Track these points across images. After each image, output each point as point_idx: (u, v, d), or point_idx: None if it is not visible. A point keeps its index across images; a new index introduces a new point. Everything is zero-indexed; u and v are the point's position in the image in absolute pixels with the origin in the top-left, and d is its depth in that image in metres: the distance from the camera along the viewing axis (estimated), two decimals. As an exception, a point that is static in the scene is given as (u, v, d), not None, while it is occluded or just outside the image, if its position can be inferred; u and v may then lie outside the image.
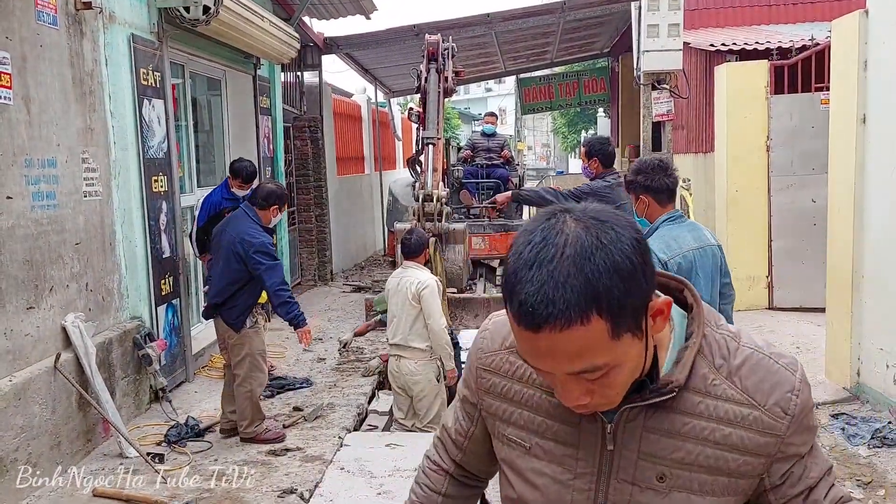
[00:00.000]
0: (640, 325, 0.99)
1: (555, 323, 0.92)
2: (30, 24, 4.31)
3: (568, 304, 0.92)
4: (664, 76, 8.19)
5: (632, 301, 0.95)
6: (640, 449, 1.12)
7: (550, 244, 0.96)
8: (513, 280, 0.97)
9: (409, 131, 19.97)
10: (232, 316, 4.74)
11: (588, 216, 0.99)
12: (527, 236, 0.99)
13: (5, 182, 4.03)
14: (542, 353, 0.97)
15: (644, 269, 0.97)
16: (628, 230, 0.98)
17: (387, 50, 11.79)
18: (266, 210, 4.78)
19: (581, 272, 0.93)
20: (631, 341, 0.98)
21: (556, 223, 0.98)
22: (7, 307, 4.03)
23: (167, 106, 5.87)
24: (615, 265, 0.94)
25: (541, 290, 0.93)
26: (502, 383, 1.24)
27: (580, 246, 0.95)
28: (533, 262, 0.95)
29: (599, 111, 22.94)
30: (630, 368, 1.02)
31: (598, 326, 0.94)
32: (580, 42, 15.13)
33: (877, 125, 4.90)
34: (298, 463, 4.58)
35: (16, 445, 3.97)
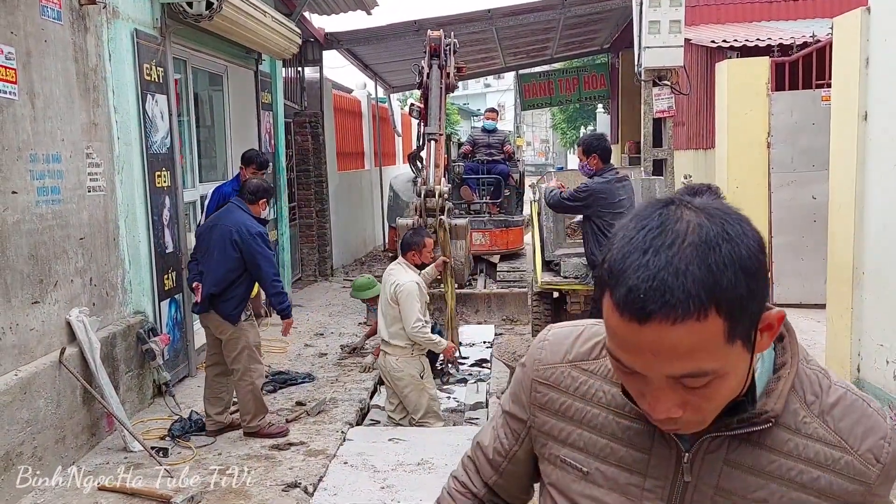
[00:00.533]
0: (751, 335, 0.90)
1: (669, 314, 0.83)
2: (34, 19, 4.32)
3: (688, 294, 0.82)
4: (665, 72, 8.19)
5: (752, 304, 0.87)
6: (719, 484, 1.01)
7: (670, 230, 0.87)
8: (621, 265, 0.87)
9: (409, 127, 19.97)
10: (228, 308, 4.76)
11: (711, 206, 0.91)
12: (639, 221, 0.90)
13: (10, 177, 4.05)
14: (644, 349, 0.87)
15: (764, 272, 0.89)
16: (752, 227, 0.90)
17: (387, 45, 11.79)
18: (255, 204, 4.92)
19: (704, 262, 0.84)
20: (741, 351, 0.88)
21: (675, 210, 0.89)
22: (12, 302, 4.05)
23: (170, 101, 5.88)
24: (742, 261, 0.85)
25: (657, 276, 0.84)
26: (561, 399, 1.13)
27: (705, 235, 0.86)
28: (648, 247, 0.86)
29: (599, 107, 22.95)
30: (734, 383, 0.92)
31: (714, 325, 0.84)
32: (580, 38, 15.13)
33: (878, 122, 4.91)
34: (302, 457, 4.61)
35: (21, 439, 3.99)
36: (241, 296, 4.80)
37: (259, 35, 7.09)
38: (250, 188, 4.94)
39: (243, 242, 4.71)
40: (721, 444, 1.00)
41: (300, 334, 7.74)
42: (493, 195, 9.65)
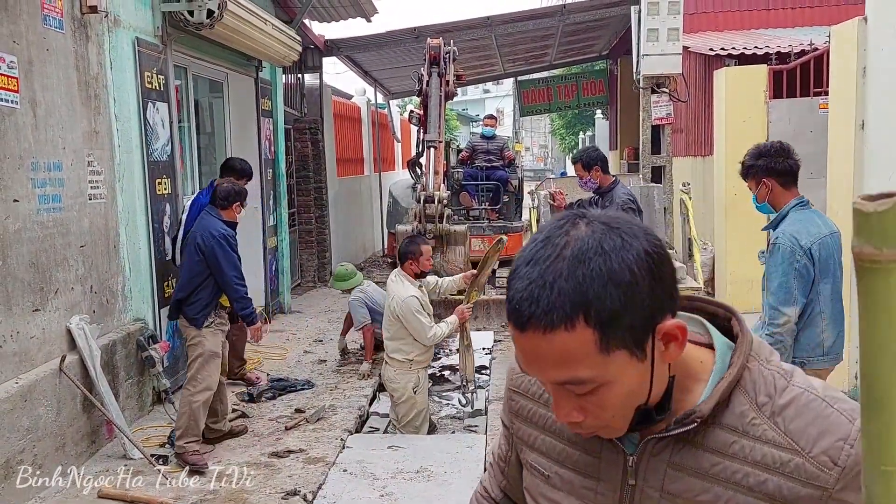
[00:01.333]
0: (642, 345, 0.91)
1: (537, 323, 0.87)
2: (36, 28, 4.34)
3: (552, 305, 0.87)
4: (663, 80, 8.24)
5: (629, 315, 0.88)
6: (664, 487, 1.01)
7: (551, 243, 0.91)
8: (512, 274, 0.93)
9: (408, 133, 20.00)
10: (194, 311, 4.73)
11: (601, 221, 0.93)
12: (536, 234, 0.95)
13: (11, 185, 4.07)
14: (528, 357, 0.92)
15: (651, 283, 0.89)
16: (640, 240, 0.91)
17: (387, 52, 11.83)
18: (228, 209, 4.90)
19: (573, 275, 0.87)
20: (627, 360, 0.90)
21: (566, 224, 0.93)
22: (13, 309, 4.06)
23: (171, 109, 5.91)
24: (611, 273, 0.87)
25: (528, 288, 0.89)
26: (529, 406, 1.18)
27: (579, 248, 0.89)
28: (531, 259, 0.91)
29: (598, 113, 23.00)
30: (626, 391, 0.93)
31: (584, 335, 0.87)
32: (579, 45, 15.18)
33: (875, 131, 4.94)
34: (301, 465, 4.62)
35: (21, 447, 4.00)
36: (206, 300, 4.75)
37: (259, 42, 7.12)
38: (221, 193, 4.91)
39: (205, 245, 4.70)
40: (665, 446, 1.01)
41: (299, 341, 7.75)
42: (493, 201, 9.67)
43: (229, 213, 4.90)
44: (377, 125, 15.67)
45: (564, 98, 16.77)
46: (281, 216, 9.01)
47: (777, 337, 3.21)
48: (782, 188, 3.35)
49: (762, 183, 3.38)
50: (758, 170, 3.40)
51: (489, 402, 5.90)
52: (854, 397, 3.32)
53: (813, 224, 3.28)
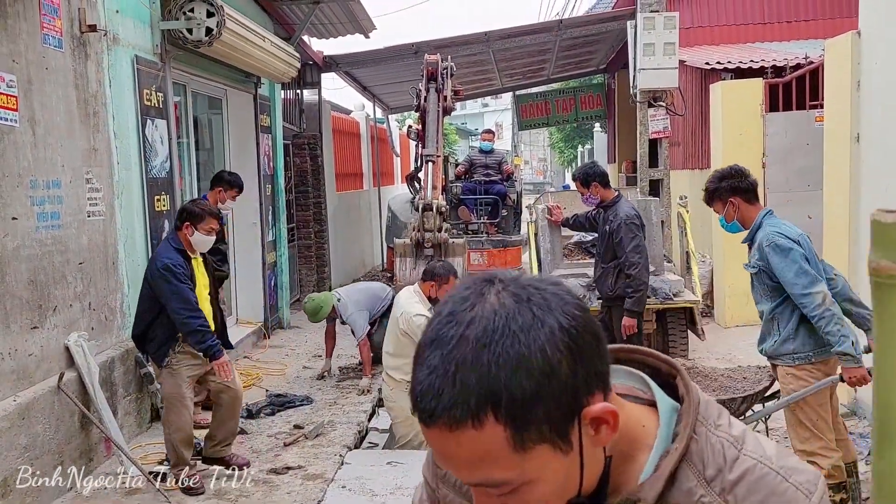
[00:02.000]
0: (566, 435, 0.79)
1: (443, 419, 0.76)
2: (36, 47, 4.37)
3: (455, 399, 0.75)
4: (660, 94, 8.28)
5: (544, 406, 0.76)
6: None
7: (455, 321, 0.78)
8: (415, 357, 0.81)
9: (407, 147, 20.06)
10: (153, 348, 4.44)
11: (511, 290, 0.80)
12: (442, 305, 0.82)
13: (10, 203, 4.08)
14: (438, 454, 0.81)
15: (571, 364, 0.77)
16: (554, 314, 0.78)
17: (385, 68, 11.90)
18: (181, 230, 4.43)
19: (477, 361, 0.75)
20: (550, 455, 0.79)
21: (471, 295, 0.80)
22: (12, 327, 4.06)
23: (170, 126, 5.94)
24: (520, 358, 0.75)
25: (429, 377, 0.77)
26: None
27: (484, 328, 0.76)
28: (433, 338, 0.79)
29: (596, 126, 23.09)
30: (552, 489, 0.81)
31: (494, 432, 0.75)
32: (576, 59, 15.26)
33: (871, 144, 4.97)
34: (300, 481, 4.60)
35: (20, 465, 3.99)
36: (162, 337, 4.35)
37: (258, 59, 7.17)
38: (177, 212, 4.60)
39: (151, 278, 4.34)
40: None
41: (298, 356, 7.74)
42: (491, 215, 9.70)
43: (182, 234, 4.42)
44: (376, 140, 15.73)
45: (562, 112, 16.84)
46: (280, 231, 9.03)
47: (827, 314, 3.35)
48: (748, 204, 3.65)
49: (729, 203, 3.67)
50: (723, 191, 3.69)
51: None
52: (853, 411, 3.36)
53: (787, 225, 3.60)
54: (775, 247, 3.47)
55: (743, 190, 3.65)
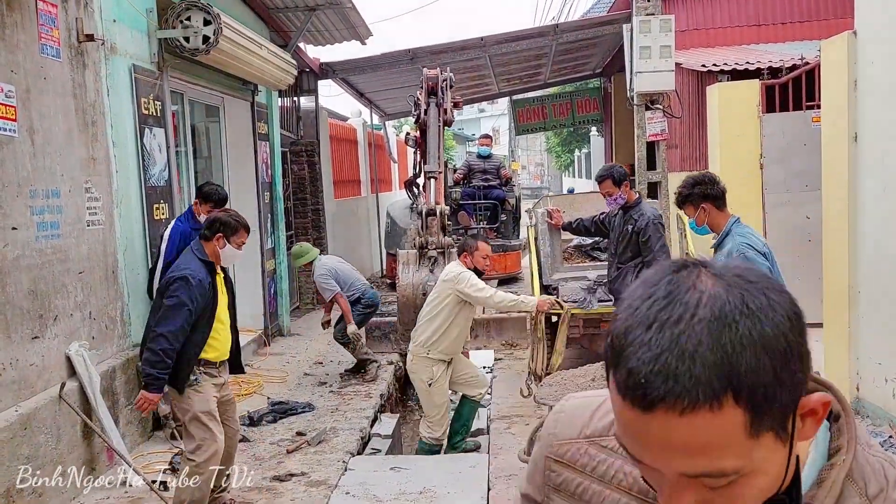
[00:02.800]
0: (787, 424, 0.76)
1: (675, 403, 0.71)
2: (34, 57, 4.38)
3: (696, 380, 0.70)
4: (657, 96, 8.29)
5: (782, 390, 0.73)
6: None
7: (678, 301, 0.74)
8: (622, 340, 0.76)
9: (405, 153, 20.08)
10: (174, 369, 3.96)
11: (731, 273, 0.77)
12: (646, 288, 0.78)
13: (10, 213, 4.08)
14: (652, 443, 0.75)
15: (801, 352, 0.75)
16: (785, 298, 0.76)
17: (382, 74, 11.92)
18: (210, 241, 4.06)
19: (718, 342, 0.71)
20: (773, 445, 0.75)
21: (688, 276, 0.77)
22: (12, 337, 4.05)
23: (167, 134, 5.94)
24: (765, 340, 0.72)
25: (660, 358, 0.72)
26: (577, 480, 1.00)
27: (720, 308, 0.73)
28: (652, 321, 0.74)
29: (593, 130, 23.13)
30: (767, 482, 0.78)
31: (732, 417, 0.71)
32: (572, 63, 15.30)
33: (868, 143, 4.98)
34: (303, 488, 4.59)
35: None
36: (185, 357, 3.93)
37: (255, 67, 7.17)
38: (206, 222, 4.18)
39: (165, 287, 3.95)
40: None
41: (299, 363, 7.73)
42: (490, 220, 9.70)
43: (211, 246, 4.05)
44: (373, 146, 15.74)
45: (559, 116, 16.88)
46: (279, 239, 9.03)
47: None
48: (718, 210, 3.88)
49: (700, 208, 3.91)
50: (695, 197, 3.93)
51: (491, 421, 5.88)
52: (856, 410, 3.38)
53: (755, 235, 3.85)
54: (745, 259, 3.70)
55: (713, 196, 3.89)
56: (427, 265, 5.92)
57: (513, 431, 5.61)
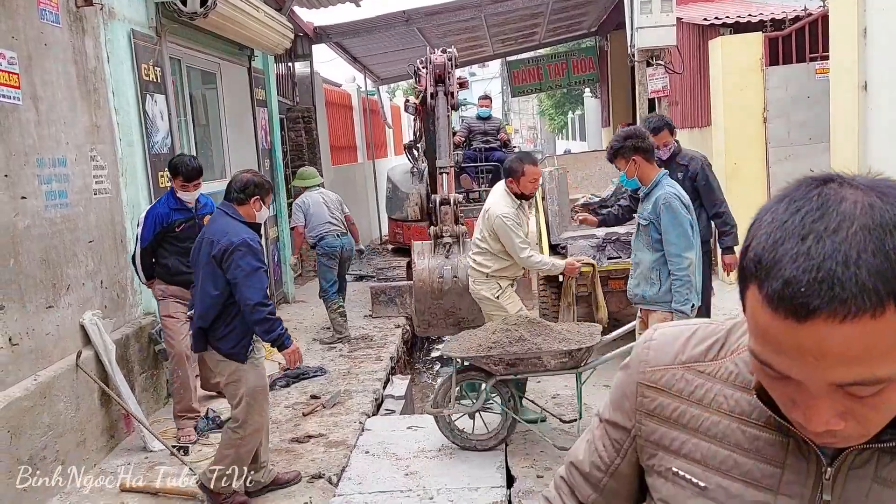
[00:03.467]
0: None
1: (838, 310, 0.71)
2: (34, 22, 4.29)
3: (861, 286, 0.71)
4: (658, 52, 8.21)
5: None
6: None
7: (833, 211, 0.75)
8: (773, 253, 0.75)
9: (399, 118, 19.93)
10: (229, 344, 3.81)
11: (882, 184, 0.78)
12: (791, 203, 0.78)
13: (19, 182, 4.03)
14: (805, 352, 0.75)
15: None
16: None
17: (377, 37, 11.77)
18: (246, 204, 3.93)
19: (880, 248, 0.72)
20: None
21: (837, 189, 0.78)
22: (27, 307, 4.04)
23: (168, 101, 5.86)
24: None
25: (823, 266, 0.72)
26: (673, 405, 1.01)
27: (879, 216, 0.74)
28: (807, 232, 0.74)
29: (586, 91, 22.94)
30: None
31: (893, 323, 0.72)
32: (568, 22, 15.13)
33: (878, 92, 4.96)
34: (322, 449, 4.63)
35: (44, 444, 4.00)
36: (242, 328, 3.81)
37: (253, 30, 7.07)
38: (237, 185, 3.95)
39: (223, 255, 3.72)
40: (869, 458, 0.87)
41: (307, 329, 7.75)
42: (492, 182, 9.65)
43: (246, 209, 3.93)
44: (368, 112, 15.60)
45: (555, 77, 16.73)
46: (281, 206, 8.98)
47: (685, 278, 3.92)
48: (647, 163, 4.05)
49: (631, 161, 4.06)
50: (626, 150, 4.08)
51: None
52: None
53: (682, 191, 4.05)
54: (670, 207, 3.90)
55: (644, 150, 4.05)
56: (442, 252, 5.93)
57: (525, 389, 5.65)
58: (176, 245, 4.81)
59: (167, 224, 4.78)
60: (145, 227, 4.79)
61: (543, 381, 5.90)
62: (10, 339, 3.88)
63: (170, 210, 4.80)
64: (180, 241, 4.78)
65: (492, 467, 4.26)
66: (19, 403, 3.81)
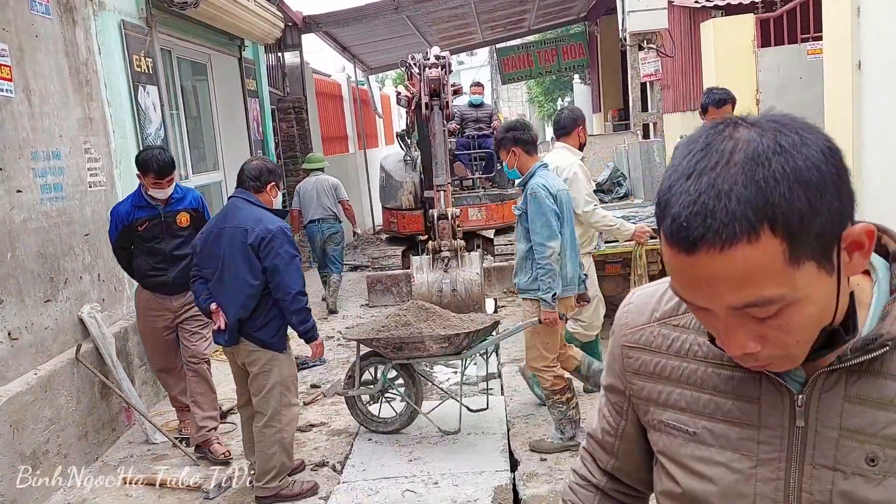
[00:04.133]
0: (830, 255, 0.81)
1: (714, 240, 0.77)
2: (24, 14, 4.25)
3: (731, 215, 0.76)
4: (650, 35, 8.22)
5: (818, 220, 0.78)
6: (843, 424, 0.90)
7: (715, 150, 0.80)
8: (667, 194, 0.82)
9: (389, 107, 19.86)
10: (268, 334, 3.74)
11: (766, 119, 0.83)
12: (687, 146, 0.84)
13: (14, 175, 4.00)
14: (700, 282, 0.81)
15: (838, 183, 0.79)
16: (817, 135, 0.81)
17: (366, 26, 11.69)
18: (263, 191, 3.86)
19: (752, 179, 0.77)
20: (816, 274, 0.80)
21: (725, 129, 0.82)
22: (26, 301, 4.02)
23: (161, 92, 5.83)
24: (797, 172, 0.77)
25: (698, 201, 0.78)
26: (654, 360, 1.06)
27: (753, 150, 0.78)
28: (692, 171, 0.80)
29: (575, 78, 22.92)
30: (815, 311, 0.83)
31: (770, 246, 0.77)
32: (557, 8, 15.08)
33: (872, 70, 4.97)
34: (325, 437, 4.64)
35: (46, 437, 3.99)
36: (281, 316, 3.77)
37: (243, 20, 7.03)
38: (253, 173, 3.85)
39: (261, 244, 3.64)
40: (838, 379, 0.90)
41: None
42: (486, 170, 9.64)
43: (265, 196, 3.85)
44: (358, 102, 15.53)
45: (545, 63, 16.69)
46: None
47: (548, 267, 3.95)
48: (527, 155, 4.12)
49: (511, 152, 4.14)
50: (507, 141, 4.15)
51: (502, 366, 5.94)
52: None
53: (554, 178, 4.11)
54: (534, 196, 3.96)
55: (524, 141, 4.12)
56: (441, 266, 5.94)
57: (525, 374, 5.68)
58: (141, 245, 4.38)
59: (129, 222, 4.34)
60: (110, 227, 4.49)
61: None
62: (9, 333, 3.86)
63: (132, 208, 4.35)
64: (145, 241, 4.36)
65: (495, 451, 4.27)
66: (21, 398, 3.80)
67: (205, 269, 3.82)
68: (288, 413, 3.82)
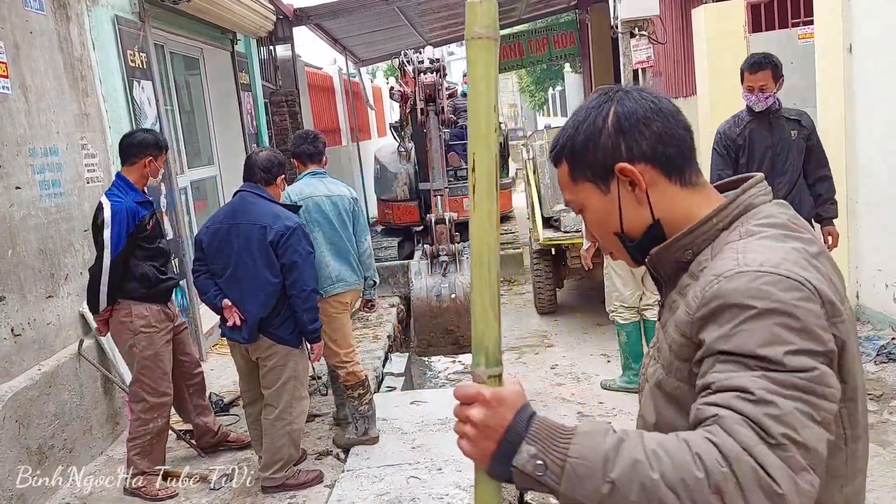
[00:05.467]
0: (605, 181, 1.17)
1: (553, 160, 1.24)
2: (18, 10, 4.24)
3: (559, 147, 1.22)
4: (642, 22, 8.23)
5: (589, 155, 1.16)
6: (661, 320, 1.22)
7: (582, 108, 1.21)
8: None
9: (381, 100, 19.83)
10: (287, 331, 3.75)
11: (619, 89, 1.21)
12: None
13: (13, 172, 4.01)
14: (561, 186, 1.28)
15: (613, 135, 1.15)
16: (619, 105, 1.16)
17: (358, 17, 11.66)
18: (273, 184, 3.81)
19: (571, 124, 1.20)
20: (592, 190, 1.19)
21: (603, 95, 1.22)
22: (28, 297, 4.03)
23: (155, 87, 5.82)
24: (586, 123, 1.17)
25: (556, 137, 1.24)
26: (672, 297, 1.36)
27: (585, 105, 1.21)
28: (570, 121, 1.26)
29: (566, 67, 22.91)
30: (598, 217, 1.21)
31: (564, 168, 1.21)
32: (547, -4, 15.08)
33: (863, 53, 5.01)
34: (328, 427, 4.67)
35: (51, 433, 4.01)
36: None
37: (236, 13, 7.02)
38: (262, 164, 3.77)
39: (280, 240, 3.61)
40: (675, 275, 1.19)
41: (302, 312, 7.76)
42: (479, 159, 9.67)
43: (275, 189, 3.82)
44: (350, 94, 15.50)
45: (536, 52, 16.68)
46: (269, 190, 8.93)
47: None
48: (302, 165, 4.39)
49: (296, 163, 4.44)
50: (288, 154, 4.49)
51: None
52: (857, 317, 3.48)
53: (309, 187, 4.25)
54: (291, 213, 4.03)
55: (296, 154, 4.40)
56: (439, 271, 5.97)
57: (524, 361, 5.73)
58: (146, 248, 3.87)
59: (140, 221, 3.81)
60: (114, 230, 3.72)
61: (541, 351, 5.98)
62: (12, 329, 3.88)
63: (137, 205, 3.83)
64: (150, 242, 3.89)
65: (497, 437, 4.31)
66: (25, 393, 3.82)
67: (212, 265, 3.78)
68: (298, 406, 3.86)
